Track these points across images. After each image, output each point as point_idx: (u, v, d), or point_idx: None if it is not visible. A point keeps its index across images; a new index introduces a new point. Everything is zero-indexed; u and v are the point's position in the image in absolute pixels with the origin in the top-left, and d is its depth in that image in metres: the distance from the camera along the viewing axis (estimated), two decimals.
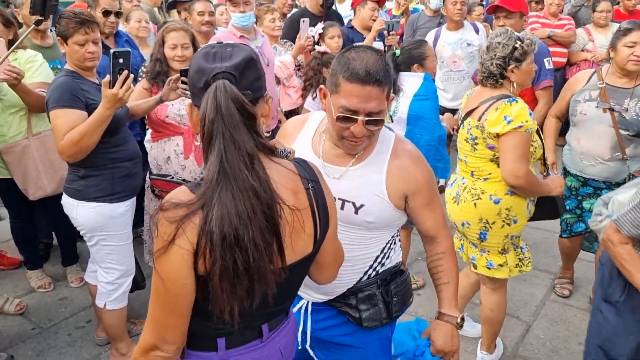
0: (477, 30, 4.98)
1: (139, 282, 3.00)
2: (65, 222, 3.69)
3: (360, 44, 4.51)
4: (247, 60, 1.23)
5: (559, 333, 3.29)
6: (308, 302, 1.86)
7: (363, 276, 1.81)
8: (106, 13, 3.83)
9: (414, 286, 3.67)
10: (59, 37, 2.62)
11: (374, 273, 1.82)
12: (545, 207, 2.76)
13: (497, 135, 2.51)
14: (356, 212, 1.71)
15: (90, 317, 3.39)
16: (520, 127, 2.45)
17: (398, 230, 1.89)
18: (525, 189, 2.57)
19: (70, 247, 3.88)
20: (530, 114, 2.52)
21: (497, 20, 3.74)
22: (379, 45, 4.59)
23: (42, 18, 2.87)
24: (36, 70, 3.29)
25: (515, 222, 2.63)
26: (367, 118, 1.54)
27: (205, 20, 4.04)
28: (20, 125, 3.29)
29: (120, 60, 2.42)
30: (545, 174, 2.86)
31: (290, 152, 1.38)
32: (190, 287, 1.21)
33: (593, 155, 3.12)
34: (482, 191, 2.62)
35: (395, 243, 1.88)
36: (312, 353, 1.91)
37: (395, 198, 1.71)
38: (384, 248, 1.82)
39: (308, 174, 1.36)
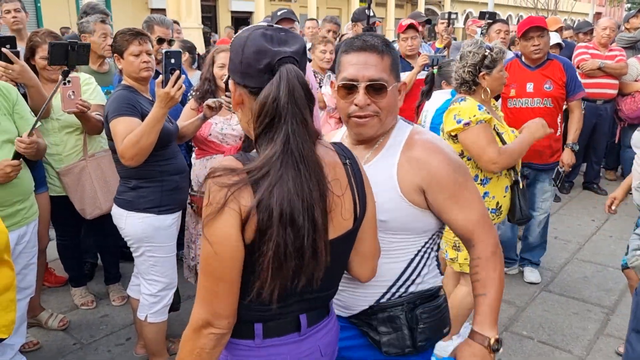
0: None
1: (175, 304, 2.98)
2: (111, 240, 3.79)
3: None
4: (303, 48, 1.28)
5: None
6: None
7: (386, 292, 1.64)
8: (160, 41, 3.97)
9: None
10: (115, 55, 2.73)
11: (399, 292, 1.64)
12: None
13: (454, 136, 2.69)
14: None
15: (130, 335, 3.40)
16: (468, 124, 2.60)
17: (433, 247, 1.70)
18: (510, 164, 2.67)
19: (114, 265, 3.94)
20: (480, 108, 2.62)
21: (530, 40, 3.72)
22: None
23: (68, 69, 2.70)
24: (92, 93, 3.42)
25: None
26: (367, 83, 1.52)
27: None
28: (76, 145, 3.40)
29: (172, 61, 2.51)
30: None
31: None
32: (241, 252, 1.19)
33: None
34: None
35: (429, 259, 1.68)
36: None
37: (409, 192, 1.56)
38: (411, 261, 1.64)
39: (345, 153, 1.39)
